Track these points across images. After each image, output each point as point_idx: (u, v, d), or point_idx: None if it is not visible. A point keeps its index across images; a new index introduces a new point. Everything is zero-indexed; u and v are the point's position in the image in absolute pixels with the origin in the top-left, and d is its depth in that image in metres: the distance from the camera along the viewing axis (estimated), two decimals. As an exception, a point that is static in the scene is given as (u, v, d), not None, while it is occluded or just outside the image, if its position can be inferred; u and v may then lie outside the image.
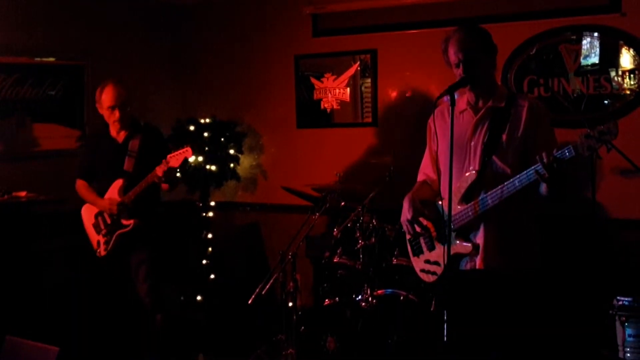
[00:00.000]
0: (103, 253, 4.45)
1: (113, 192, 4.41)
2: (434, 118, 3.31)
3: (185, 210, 6.07)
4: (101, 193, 4.47)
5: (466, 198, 3.10)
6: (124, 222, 4.38)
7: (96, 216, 4.51)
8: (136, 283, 4.45)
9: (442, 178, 3.28)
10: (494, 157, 3.06)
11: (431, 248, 3.32)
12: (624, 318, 3.63)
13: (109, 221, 4.44)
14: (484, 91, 3.15)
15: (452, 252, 3.06)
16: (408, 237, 3.44)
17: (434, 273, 3.31)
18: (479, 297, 3.10)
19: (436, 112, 3.31)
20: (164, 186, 4.39)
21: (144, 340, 4.52)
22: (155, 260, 4.47)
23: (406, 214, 3.26)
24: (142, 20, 6.14)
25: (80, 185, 4.57)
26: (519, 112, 3.08)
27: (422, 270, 3.38)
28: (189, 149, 4.29)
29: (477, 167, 3.09)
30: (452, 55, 3.10)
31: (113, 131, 4.46)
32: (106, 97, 4.35)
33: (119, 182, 4.40)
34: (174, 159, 4.23)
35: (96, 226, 4.51)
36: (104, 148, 4.49)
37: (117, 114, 4.35)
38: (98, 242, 4.48)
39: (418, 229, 3.26)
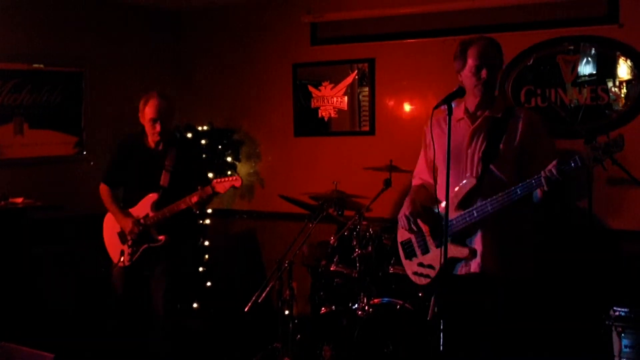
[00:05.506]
0: (127, 263, 4.28)
1: (146, 205, 4.26)
2: (431, 126, 3.32)
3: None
4: (131, 203, 4.32)
5: (463, 204, 3.13)
6: (158, 236, 4.25)
7: None
8: (154, 294, 4.31)
9: (439, 185, 3.31)
10: (491, 166, 3.11)
11: (425, 251, 3.36)
12: (620, 329, 3.64)
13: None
14: (483, 101, 3.20)
15: (447, 255, 3.08)
16: (399, 240, 3.46)
17: (427, 276, 3.34)
18: (475, 302, 3.12)
19: (433, 120, 3.33)
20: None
21: (140, 349, 4.48)
22: (175, 273, 4.36)
23: (405, 210, 3.31)
24: (140, 27, 6.16)
25: (105, 191, 4.40)
26: (515, 123, 3.14)
27: (415, 273, 3.41)
28: (238, 178, 4.18)
29: (475, 175, 3.12)
30: (475, 59, 3.14)
31: (151, 142, 4.30)
32: (149, 110, 4.21)
33: (153, 197, 4.25)
34: (221, 186, 4.13)
35: (122, 235, 4.32)
36: (139, 158, 4.33)
37: (158, 127, 4.21)
38: (122, 252, 4.30)
39: (414, 227, 3.28)
